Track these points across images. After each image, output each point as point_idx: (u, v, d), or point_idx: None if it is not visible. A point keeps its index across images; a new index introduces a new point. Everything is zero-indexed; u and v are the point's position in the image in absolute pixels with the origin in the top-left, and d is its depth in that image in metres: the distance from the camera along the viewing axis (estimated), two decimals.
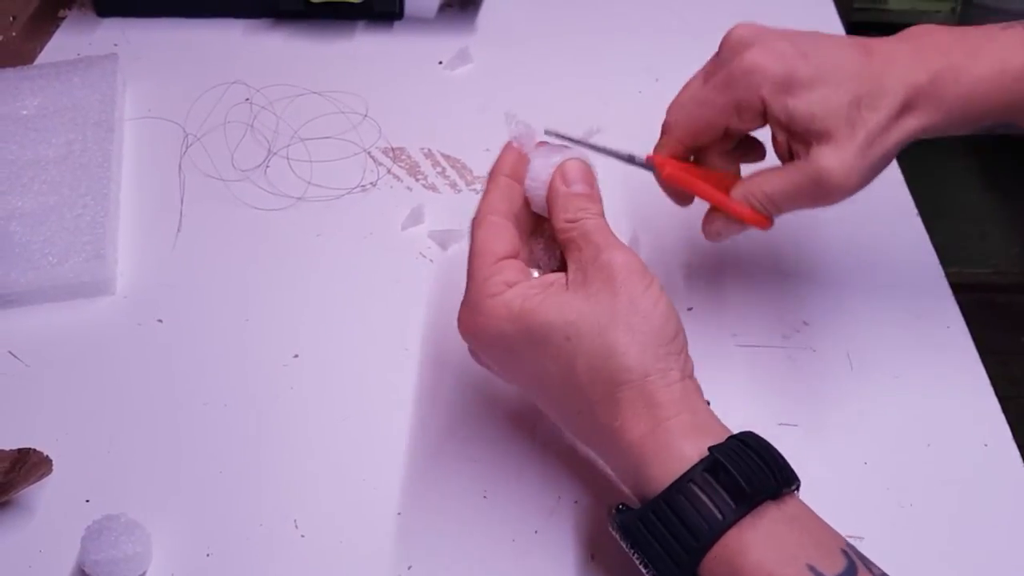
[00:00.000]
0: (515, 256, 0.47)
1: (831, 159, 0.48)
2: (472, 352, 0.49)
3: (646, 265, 0.45)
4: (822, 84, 0.48)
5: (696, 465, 0.40)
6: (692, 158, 0.54)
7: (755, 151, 0.54)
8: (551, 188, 0.48)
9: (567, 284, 0.45)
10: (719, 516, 0.39)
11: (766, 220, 0.51)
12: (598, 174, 0.49)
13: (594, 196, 0.48)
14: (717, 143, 0.52)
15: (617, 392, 0.43)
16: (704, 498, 0.39)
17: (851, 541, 0.47)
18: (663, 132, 0.53)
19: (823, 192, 0.49)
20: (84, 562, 0.47)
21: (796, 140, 0.49)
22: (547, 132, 0.50)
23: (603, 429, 0.43)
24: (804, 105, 0.48)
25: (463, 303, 0.47)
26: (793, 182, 0.49)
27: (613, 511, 0.43)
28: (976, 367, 0.56)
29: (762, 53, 0.49)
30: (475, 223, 0.48)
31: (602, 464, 0.51)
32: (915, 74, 0.49)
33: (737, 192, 0.51)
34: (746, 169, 0.53)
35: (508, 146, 0.49)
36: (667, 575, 0.40)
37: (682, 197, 0.55)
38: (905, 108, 0.48)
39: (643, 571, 0.41)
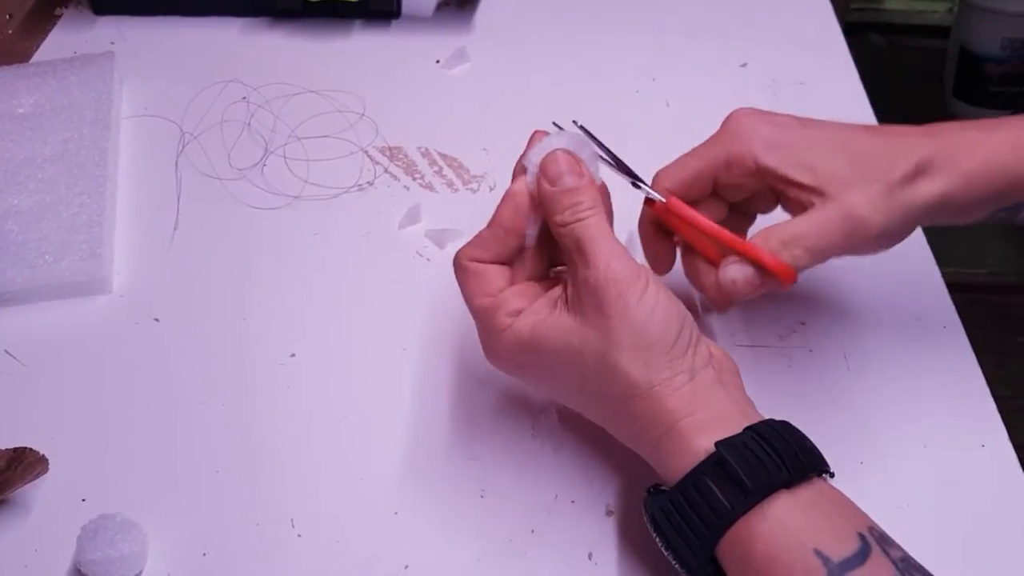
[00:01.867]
0: (510, 282, 0.48)
1: (856, 196, 0.46)
2: (501, 369, 0.50)
3: (637, 265, 0.44)
4: (818, 146, 0.48)
5: (706, 459, 0.42)
6: None
7: (747, 224, 0.54)
8: (540, 191, 0.47)
9: (567, 306, 0.46)
10: (728, 506, 0.40)
11: (790, 271, 0.46)
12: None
13: (581, 187, 0.46)
14: (710, 206, 0.51)
15: (628, 406, 0.44)
16: (715, 489, 0.41)
17: None
18: (652, 183, 0.51)
19: (852, 227, 0.46)
20: (80, 561, 0.47)
21: (804, 191, 0.48)
22: (555, 124, 0.49)
23: (624, 431, 0.46)
24: (798, 158, 0.48)
25: (480, 340, 0.48)
26: (821, 219, 0.47)
27: (645, 493, 0.45)
28: (973, 367, 0.56)
29: (758, 119, 0.49)
30: (457, 269, 0.48)
31: (598, 464, 0.51)
32: (925, 144, 0.48)
33: (760, 238, 0.47)
34: None
35: (512, 193, 0.47)
36: (685, 559, 0.42)
37: (662, 255, 0.53)
38: (918, 171, 0.47)
39: (667, 555, 0.43)
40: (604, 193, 0.49)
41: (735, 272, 0.47)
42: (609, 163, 0.50)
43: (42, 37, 0.81)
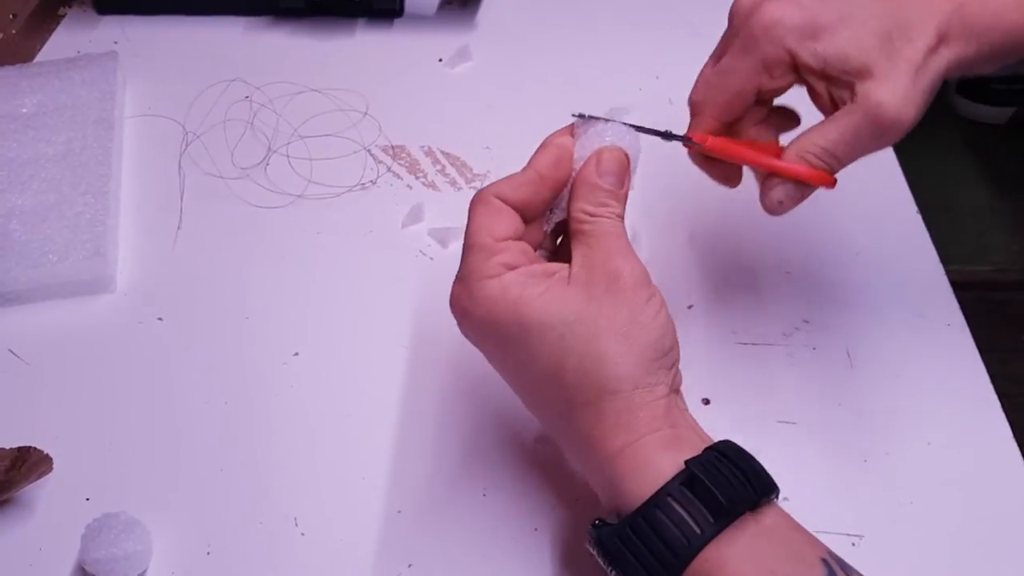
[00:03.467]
0: (518, 239, 0.45)
1: (882, 92, 0.46)
2: (461, 326, 0.46)
3: (649, 277, 0.44)
4: (847, 25, 0.46)
5: (674, 479, 0.40)
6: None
7: (790, 119, 0.53)
8: (580, 172, 0.46)
9: (569, 279, 0.43)
10: (697, 531, 0.38)
11: (829, 177, 0.48)
12: None
13: (620, 195, 0.45)
14: (751, 114, 0.50)
15: (603, 400, 0.42)
16: (682, 512, 0.39)
17: (851, 540, 0.47)
18: (693, 114, 0.51)
19: (882, 129, 0.46)
20: (84, 560, 0.47)
21: (836, 86, 0.47)
22: (574, 116, 0.48)
23: (581, 435, 0.42)
24: (834, 48, 0.46)
25: (457, 278, 0.44)
26: (849, 126, 0.46)
27: (590, 527, 0.42)
28: (976, 365, 0.56)
29: (778, 6, 0.47)
30: (476, 200, 0.45)
31: None
32: (941, 4, 0.47)
33: (790, 153, 0.48)
34: (784, 139, 0.51)
35: (556, 143, 0.47)
36: None
37: (728, 175, 0.52)
38: (939, 41, 0.47)
39: None
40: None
41: (779, 193, 0.48)
42: (639, 129, 0.48)
43: (45, 37, 0.81)
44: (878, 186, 0.66)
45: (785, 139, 0.50)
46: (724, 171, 0.52)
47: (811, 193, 0.48)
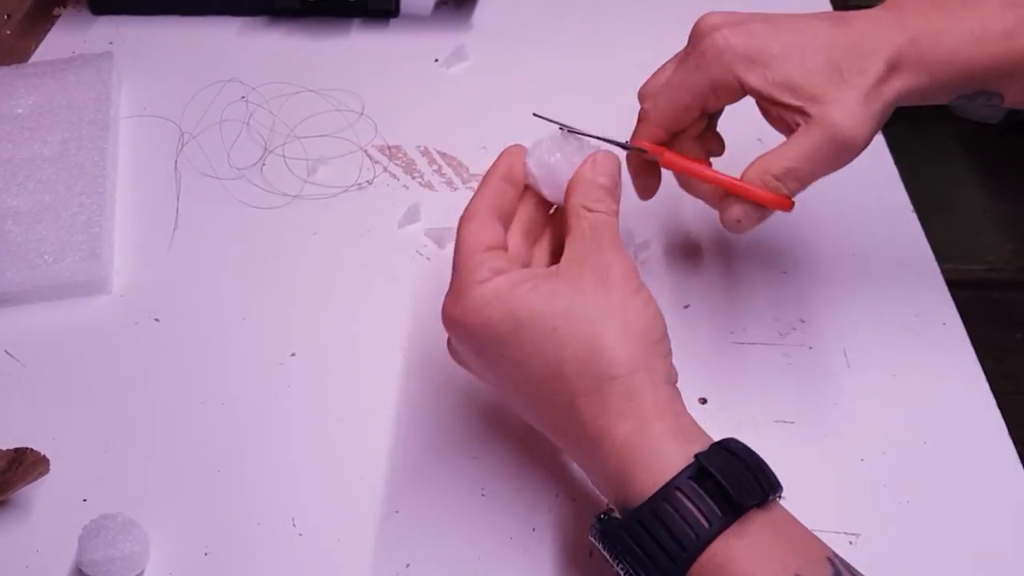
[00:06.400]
0: (503, 248, 0.46)
1: (836, 113, 0.47)
2: (451, 347, 0.48)
3: (638, 272, 0.45)
4: (797, 54, 0.48)
5: (682, 472, 0.40)
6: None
7: (718, 144, 0.55)
8: (578, 172, 0.47)
9: (558, 273, 0.44)
10: (706, 524, 0.38)
11: (787, 201, 0.49)
12: None
13: (616, 194, 0.47)
14: (692, 127, 0.52)
15: (604, 386, 0.42)
16: (691, 506, 0.39)
17: (848, 538, 0.47)
18: (640, 119, 0.53)
19: (837, 149, 0.48)
20: (82, 561, 0.47)
21: (786, 110, 0.49)
22: (535, 115, 0.50)
23: (585, 428, 0.42)
24: (782, 75, 0.48)
25: (448, 292, 0.45)
26: (806, 147, 0.48)
27: (595, 521, 0.42)
28: (972, 364, 0.56)
29: (731, 32, 0.49)
30: (462, 219, 0.47)
31: None
32: (894, 37, 0.48)
33: (752, 174, 0.49)
34: (735, 161, 0.52)
35: (510, 150, 0.49)
36: None
37: (647, 188, 0.55)
38: (890, 70, 0.48)
39: None
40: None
41: (737, 212, 0.50)
42: (592, 137, 0.50)
43: (40, 37, 0.81)
44: (874, 186, 0.66)
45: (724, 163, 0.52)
46: (645, 183, 0.55)
47: (770, 215, 0.50)
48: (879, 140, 0.69)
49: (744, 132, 0.55)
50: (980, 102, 0.51)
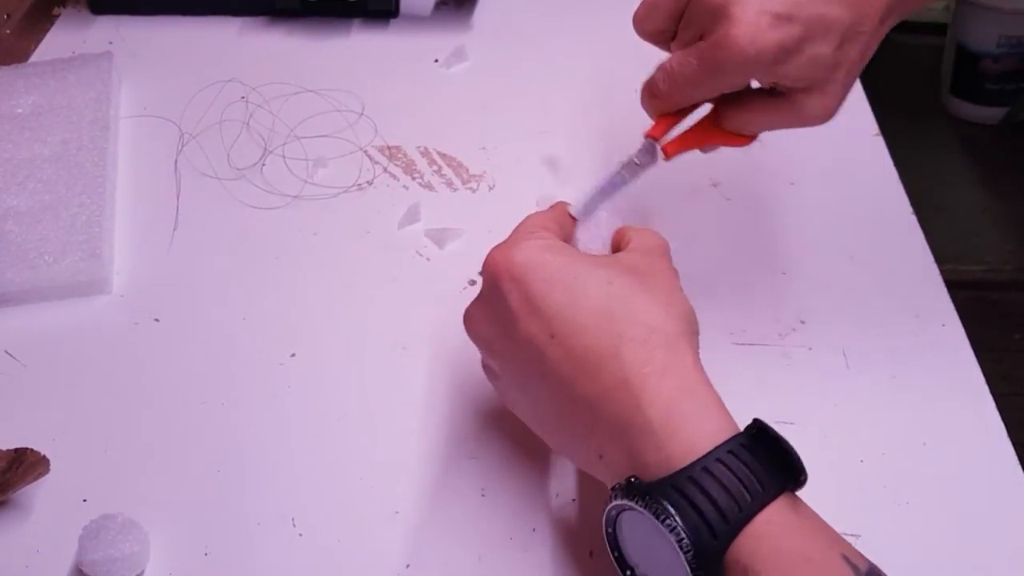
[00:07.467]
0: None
1: (814, 106, 0.49)
2: (469, 317, 0.48)
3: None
4: (809, 43, 0.46)
5: (738, 435, 0.40)
6: None
7: None
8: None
9: (613, 257, 0.48)
10: (760, 488, 0.38)
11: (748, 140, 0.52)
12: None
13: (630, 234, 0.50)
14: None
15: (652, 338, 0.42)
16: (746, 469, 0.38)
17: (847, 539, 0.47)
18: (653, 95, 0.51)
19: (801, 124, 0.50)
20: (82, 561, 0.47)
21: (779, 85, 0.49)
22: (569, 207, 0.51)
23: (628, 376, 0.41)
24: (795, 70, 0.47)
25: (499, 245, 0.46)
26: (774, 115, 0.50)
27: (623, 482, 0.40)
28: (971, 364, 0.56)
29: (746, 30, 0.45)
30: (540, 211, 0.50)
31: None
32: None
33: (729, 123, 0.51)
34: None
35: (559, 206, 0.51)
36: (699, 546, 0.37)
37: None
38: (884, 18, 0.49)
39: (665, 540, 0.37)
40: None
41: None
42: (619, 185, 0.51)
43: (40, 37, 0.81)
44: (873, 186, 0.66)
45: None
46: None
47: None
48: (879, 140, 0.69)
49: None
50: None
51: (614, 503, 0.41)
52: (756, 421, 0.41)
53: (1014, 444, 0.52)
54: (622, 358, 0.42)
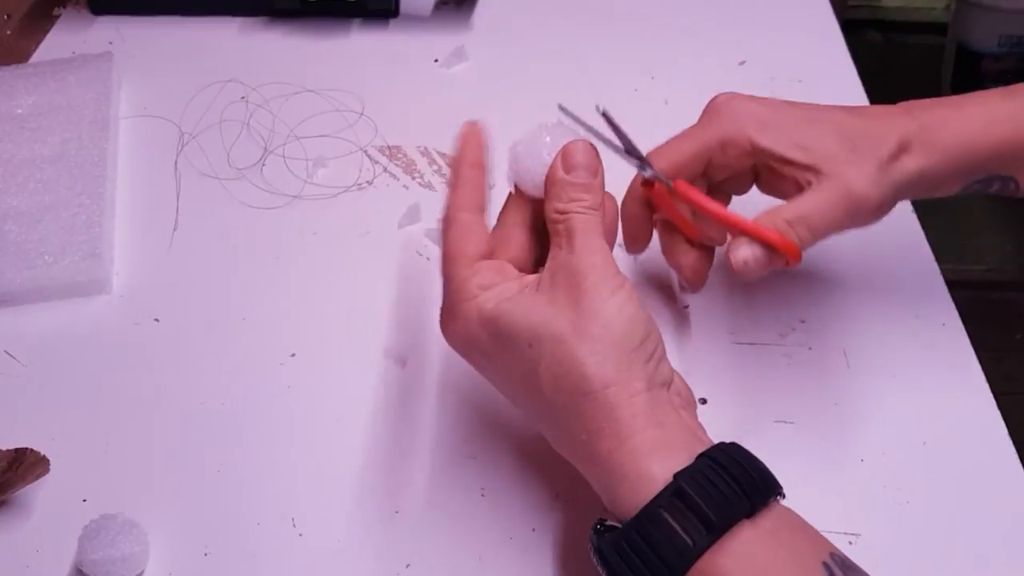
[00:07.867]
0: (489, 255, 0.46)
1: (849, 171, 0.49)
2: (450, 345, 0.48)
3: (618, 269, 0.44)
4: (809, 125, 0.50)
5: (664, 490, 0.39)
6: None
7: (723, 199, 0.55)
8: (549, 171, 0.46)
9: (538, 286, 0.44)
10: (690, 543, 0.38)
11: (796, 248, 0.48)
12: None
13: (592, 185, 0.45)
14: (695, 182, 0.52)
15: (580, 403, 0.41)
16: (675, 524, 0.38)
17: (848, 539, 0.47)
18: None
19: (852, 204, 0.49)
20: (81, 561, 0.47)
21: (799, 170, 0.50)
22: (561, 108, 0.48)
23: (571, 439, 0.43)
24: (793, 138, 0.49)
25: (441, 308, 0.46)
26: (821, 199, 0.49)
27: (592, 531, 0.42)
28: (971, 364, 0.56)
29: (748, 99, 0.51)
30: (444, 222, 0.46)
31: None
32: (905, 123, 0.51)
33: (765, 219, 0.49)
34: None
35: (467, 132, 0.49)
36: None
37: (641, 237, 0.55)
38: (901, 149, 0.50)
39: None
40: (612, 207, 0.48)
41: (745, 252, 0.48)
42: (615, 146, 0.49)
43: (40, 37, 0.81)
44: None
45: None
46: (640, 229, 0.54)
47: (776, 265, 0.49)
48: None
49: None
50: (996, 188, 0.53)
51: (591, 536, 0.42)
52: (707, 451, 0.40)
53: (1015, 443, 0.52)
54: (561, 426, 0.43)
